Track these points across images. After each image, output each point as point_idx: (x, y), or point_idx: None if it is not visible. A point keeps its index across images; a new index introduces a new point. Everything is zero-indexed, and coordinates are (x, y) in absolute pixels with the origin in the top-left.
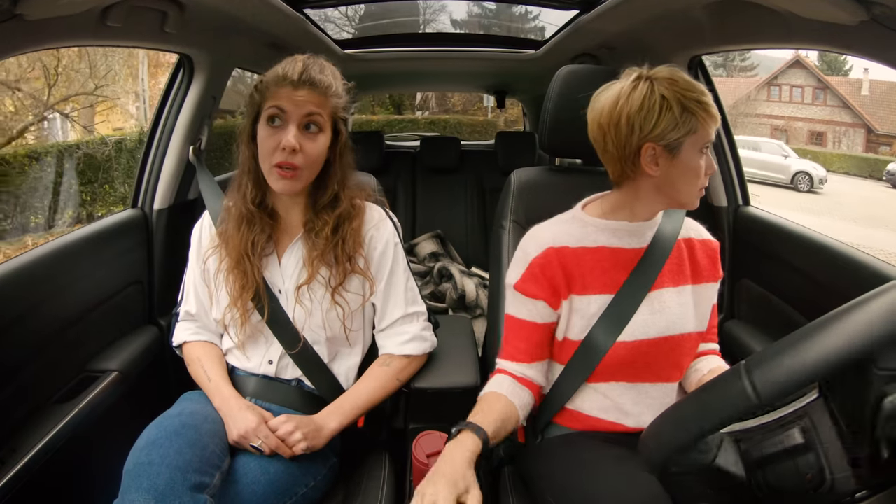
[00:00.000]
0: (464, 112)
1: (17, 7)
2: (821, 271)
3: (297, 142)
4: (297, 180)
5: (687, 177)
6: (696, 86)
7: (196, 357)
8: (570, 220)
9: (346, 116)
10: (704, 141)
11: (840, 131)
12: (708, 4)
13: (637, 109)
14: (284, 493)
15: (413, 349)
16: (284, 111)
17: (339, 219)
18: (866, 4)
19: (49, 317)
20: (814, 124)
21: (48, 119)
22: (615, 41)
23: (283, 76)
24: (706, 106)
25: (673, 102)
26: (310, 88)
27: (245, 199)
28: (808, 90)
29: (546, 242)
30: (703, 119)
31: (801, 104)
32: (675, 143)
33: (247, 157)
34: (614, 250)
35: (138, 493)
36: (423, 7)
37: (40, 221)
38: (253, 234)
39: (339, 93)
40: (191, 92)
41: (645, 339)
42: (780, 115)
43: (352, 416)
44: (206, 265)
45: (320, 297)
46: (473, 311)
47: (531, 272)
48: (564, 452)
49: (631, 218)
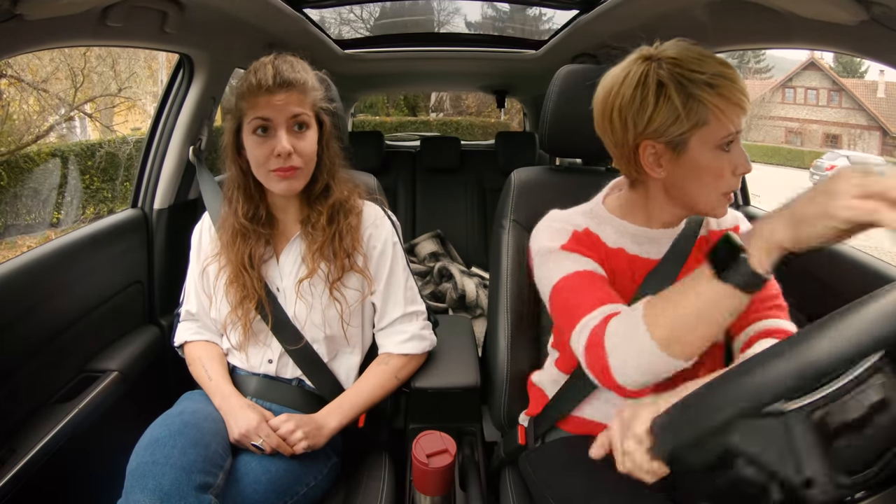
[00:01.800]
0: (478, 114)
1: (17, 7)
2: (821, 271)
3: (291, 145)
4: (298, 179)
5: (701, 179)
6: (710, 62)
7: (197, 357)
8: (590, 215)
9: (326, 107)
10: (722, 135)
11: (855, 134)
12: (708, 4)
13: (629, 101)
14: (286, 491)
15: (412, 348)
16: (269, 119)
17: (333, 209)
18: (866, 4)
19: (49, 316)
20: (829, 127)
21: (73, 119)
22: (615, 41)
23: (257, 84)
24: (721, 88)
25: (673, 89)
26: (287, 90)
27: (237, 215)
28: (822, 92)
29: (583, 224)
30: (717, 107)
31: (816, 106)
32: (679, 140)
33: (235, 173)
34: (632, 258)
35: (143, 493)
36: (438, 9)
37: (62, 217)
38: (249, 248)
39: (316, 85)
40: (191, 92)
41: None
42: (794, 117)
43: (351, 414)
44: (206, 271)
45: (320, 292)
46: (473, 311)
47: (577, 239)
48: (566, 456)
49: (648, 223)
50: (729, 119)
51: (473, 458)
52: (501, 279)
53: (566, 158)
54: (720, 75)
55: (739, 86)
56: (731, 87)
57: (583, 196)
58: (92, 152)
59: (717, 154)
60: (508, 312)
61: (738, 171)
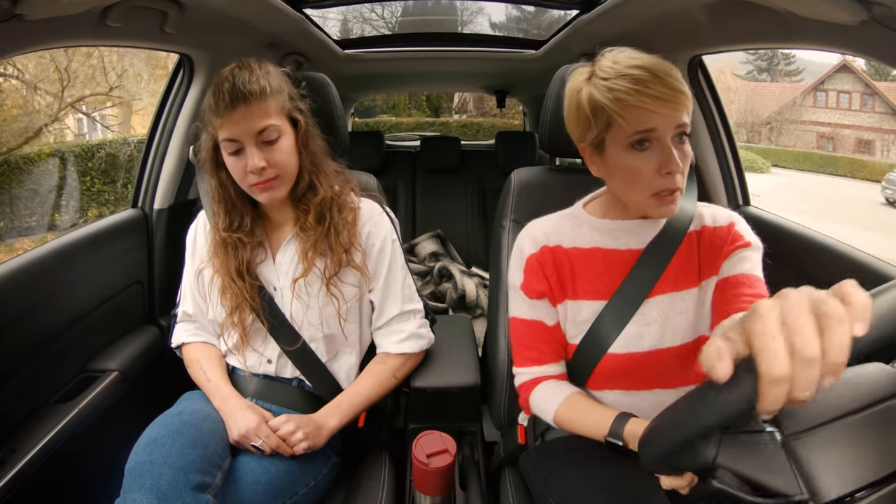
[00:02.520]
0: (501, 115)
1: (17, 7)
2: (821, 271)
3: (262, 161)
4: (278, 188)
5: (620, 178)
6: (615, 67)
7: (195, 358)
8: (568, 218)
9: (298, 106)
10: (627, 134)
11: (889, 139)
12: (708, 4)
13: (565, 113)
14: (285, 492)
15: (409, 347)
16: (236, 139)
17: (322, 206)
18: (866, 4)
19: (49, 317)
20: (861, 132)
21: (81, 118)
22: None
23: (215, 106)
24: (619, 92)
25: (584, 98)
26: (246, 103)
27: (217, 229)
28: (855, 96)
29: (541, 241)
30: (616, 111)
31: (849, 111)
32: (598, 141)
33: (214, 187)
34: (608, 252)
35: (140, 492)
36: (461, 8)
37: (65, 220)
38: (237, 258)
39: (280, 88)
40: (191, 92)
41: (637, 353)
42: (826, 121)
43: (350, 414)
44: (201, 274)
45: (317, 290)
46: (473, 311)
47: (531, 269)
48: (564, 455)
49: (625, 215)
50: (629, 121)
51: (473, 458)
52: (501, 279)
53: (566, 158)
54: (624, 77)
55: (650, 91)
56: (631, 89)
57: (582, 196)
58: (91, 154)
59: (631, 153)
60: (508, 312)
61: (663, 171)
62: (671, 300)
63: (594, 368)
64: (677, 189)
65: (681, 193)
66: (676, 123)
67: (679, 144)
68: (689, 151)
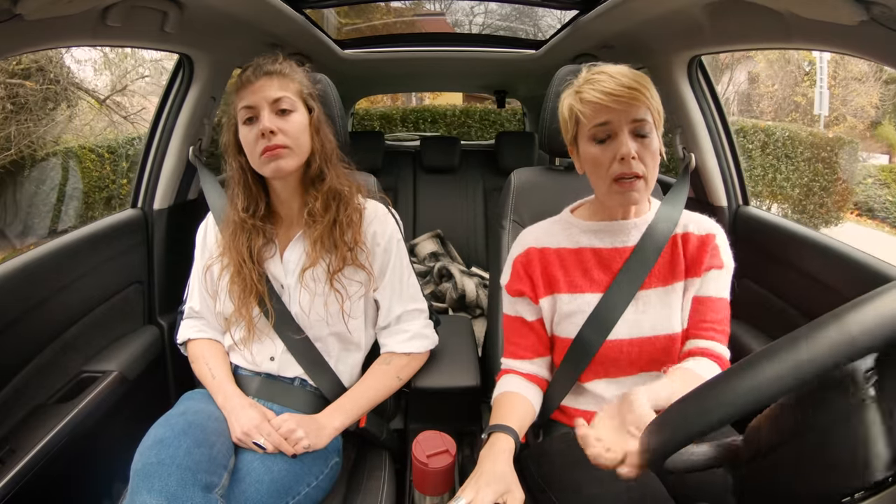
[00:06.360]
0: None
1: (17, 7)
2: (821, 271)
3: (273, 124)
4: (286, 158)
5: (589, 169)
6: (586, 76)
7: (200, 354)
8: (557, 223)
9: (314, 93)
10: (588, 129)
11: None
12: (707, 4)
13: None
14: (288, 491)
15: (414, 347)
16: (253, 106)
17: (329, 194)
18: (866, 4)
19: (49, 317)
20: None
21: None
22: (615, 41)
23: (240, 80)
24: (582, 94)
25: (564, 105)
26: (266, 77)
27: (237, 209)
28: None
29: (528, 243)
30: (579, 109)
31: None
32: (572, 140)
33: (235, 169)
34: (596, 251)
35: (150, 494)
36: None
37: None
38: (248, 241)
39: (300, 76)
40: (191, 92)
41: (636, 338)
42: None
43: (353, 414)
44: (209, 270)
45: (323, 284)
46: (473, 310)
47: (515, 271)
48: (566, 453)
49: (608, 217)
50: (588, 116)
51: (473, 457)
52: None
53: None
54: (588, 82)
55: (603, 87)
56: (588, 88)
57: (581, 196)
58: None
59: (594, 146)
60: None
61: (618, 157)
62: (659, 293)
63: (594, 356)
64: (635, 175)
65: (644, 183)
66: (631, 118)
67: (639, 138)
68: (654, 146)
